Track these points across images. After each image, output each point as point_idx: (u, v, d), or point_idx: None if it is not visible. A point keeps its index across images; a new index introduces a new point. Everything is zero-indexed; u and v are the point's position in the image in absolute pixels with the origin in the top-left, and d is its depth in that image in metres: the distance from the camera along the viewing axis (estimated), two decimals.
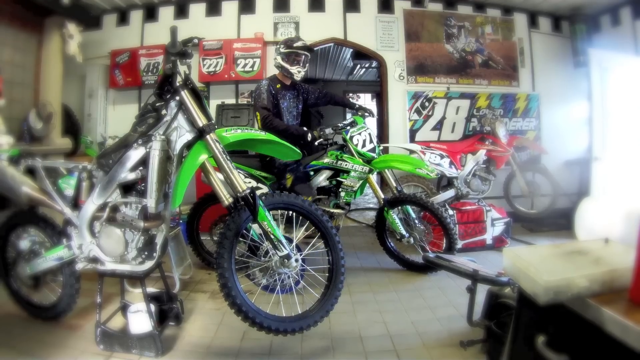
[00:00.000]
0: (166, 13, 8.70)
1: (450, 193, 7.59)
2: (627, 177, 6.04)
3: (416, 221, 5.95)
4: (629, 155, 6.83)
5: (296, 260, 3.71)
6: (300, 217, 3.99)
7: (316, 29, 8.63)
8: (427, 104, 8.79)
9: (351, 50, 10.46)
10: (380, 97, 9.30)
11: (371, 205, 10.95)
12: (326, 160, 5.82)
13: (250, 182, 5.55)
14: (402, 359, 3.69)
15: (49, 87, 6.55)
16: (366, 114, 6.14)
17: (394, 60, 8.79)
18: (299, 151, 4.06)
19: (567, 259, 1.84)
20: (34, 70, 6.49)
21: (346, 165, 5.75)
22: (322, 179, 5.86)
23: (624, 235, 1.90)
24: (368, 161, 5.75)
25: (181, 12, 8.67)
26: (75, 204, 3.75)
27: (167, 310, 4.06)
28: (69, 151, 6.62)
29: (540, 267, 1.69)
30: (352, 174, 5.74)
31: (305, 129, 5.69)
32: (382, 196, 5.85)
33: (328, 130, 5.78)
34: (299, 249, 3.87)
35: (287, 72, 5.84)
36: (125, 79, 8.49)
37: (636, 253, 1.51)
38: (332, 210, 5.82)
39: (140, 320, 3.68)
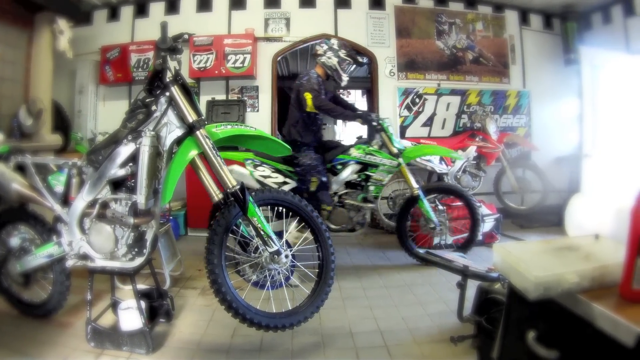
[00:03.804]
0: (157, 9, 8.68)
1: None
2: (617, 173, 6.05)
3: (444, 213, 6.08)
4: (619, 152, 6.86)
5: (286, 256, 3.71)
6: (291, 213, 3.99)
7: (307, 25, 8.66)
8: (417, 100, 8.82)
9: None
10: (371, 93, 9.31)
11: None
12: (354, 154, 5.82)
13: (277, 178, 5.67)
14: (393, 354, 3.69)
15: (39, 83, 6.51)
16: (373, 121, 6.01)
17: (385, 56, 8.82)
18: (288, 147, 4.06)
19: (557, 254, 1.86)
20: (24, 66, 6.46)
21: (375, 159, 5.77)
22: (349, 173, 5.85)
23: (614, 232, 1.90)
24: (397, 154, 5.77)
25: (172, 7, 8.65)
26: (65, 200, 3.74)
27: (157, 307, 4.06)
28: (59, 148, 6.59)
29: (530, 263, 1.70)
30: (381, 167, 5.76)
31: (361, 111, 5.86)
32: (416, 186, 5.84)
33: (375, 116, 5.85)
34: (289, 245, 3.86)
35: (337, 75, 5.92)
36: (115, 75, 8.46)
37: (626, 249, 1.52)
38: (360, 204, 5.84)
39: (130, 317, 3.67)
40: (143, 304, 3.75)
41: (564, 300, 1.65)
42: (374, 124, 5.79)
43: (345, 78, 5.99)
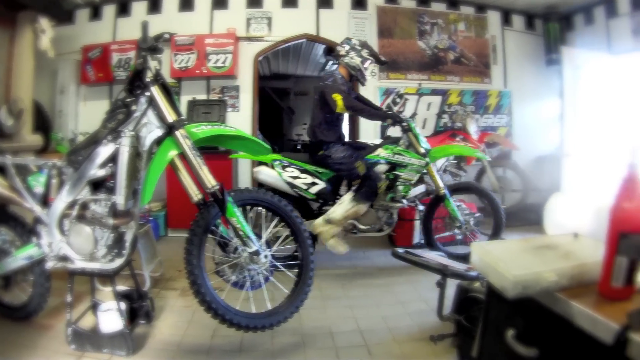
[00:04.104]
0: (139, 8, 8.62)
1: (420, 189, 7.61)
2: (597, 173, 6.12)
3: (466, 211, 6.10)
4: (599, 152, 6.91)
5: (265, 257, 3.72)
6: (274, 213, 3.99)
7: (289, 24, 8.66)
8: (398, 100, 8.89)
9: (324, 46, 10.47)
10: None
11: None
12: (383, 154, 5.83)
13: (306, 179, 5.74)
14: (373, 354, 3.73)
15: (21, 83, 6.45)
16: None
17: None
18: (268, 147, 4.08)
19: (536, 253, 1.88)
20: (5, 66, 6.42)
21: (403, 159, 5.80)
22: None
23: (593, 230, 1.92)
24: (424, 154, 5.82)
25: (154, 7, 8.60)
26: (45, 201, 3.70)
27: (137, 309, 4.04)
28: (39, 148, 6.56)
29: (508, 262, 1.72)
30: (409, 167, 5.79)
31: (390, 112, 5.96)
32: (442, 185, 5.89)
33: (404, 117, 5.87)
34: (268, 245, 3.87)
35: (361, 74, 5.94)
36: (96, 74, 8.41)
37: (605, 247, 1.55)
38: (389, 204, 5.88)
39: (110, 319, 3.66)
40: (123, 305, 3.73)
41: (543, 298, 1.66)
42: (404, 124, 5.83)
43: (368, 77, 6.06)
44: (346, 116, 6.90)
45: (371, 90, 8.74)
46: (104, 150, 3.50)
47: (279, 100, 16.22)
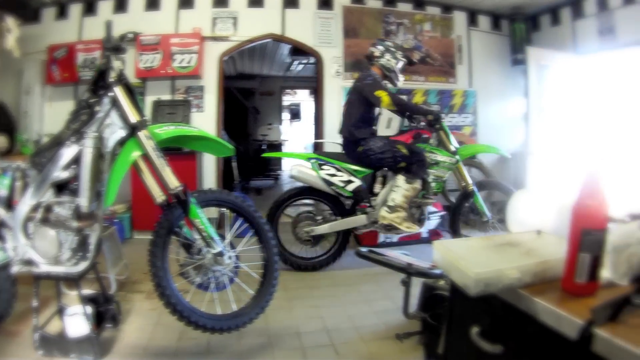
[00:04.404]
0: (105, 7, 8.45)
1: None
2: (560, 171, 6.25)
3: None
4: (563, 150, 7.02)
5: (229, 258, 3.73)
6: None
7: (254, 24, 8.61)
8: None
9: (289, 46, 10.47)
10: (317, 93, 9.36)
11: (307, 201, 11.00)
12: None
13: (342, 176, 5.88)
14: (340, 353, 3.79)
15: None
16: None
17: (331, 56, 8.86)
18: (231, 147, 4.11)
19: (498, 251, 1.90)
20: None
21: (436, 156, 5.99)
22: None
23: (556, 228, 1.94)
24: (454, 152, 6.13)
25: (120, 6, 8.46)
26: (9, 204, 3.65)
27: (104, 312, 4.02)
28: (4, 150, 6.49)
29: (470, 259, 1.72)
30: (441, 164, 5.99)
31: (432, 109, 6.11)
32: (471, 182, 6.17)
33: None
34: (232, 246, 3.88)
35: (395, 75, 6.15)
36: (62, 74, 8.25)
37: (568, 243, 1.57)
38: (421, 201, 5.95)
39: (77, 323, 3.64)
40: (89, 309, 3.71)
41: (506, 295, 1.67)
42: (442, 122, 6.06)
43: (401, 78, 6.26)
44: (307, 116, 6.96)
45: (336, 89, 8.82)
46: (68, 152, 3.48)
47: (244, 100, 16.15)
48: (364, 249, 4.12)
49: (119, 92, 3.48)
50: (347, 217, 5.98)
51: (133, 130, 3.47)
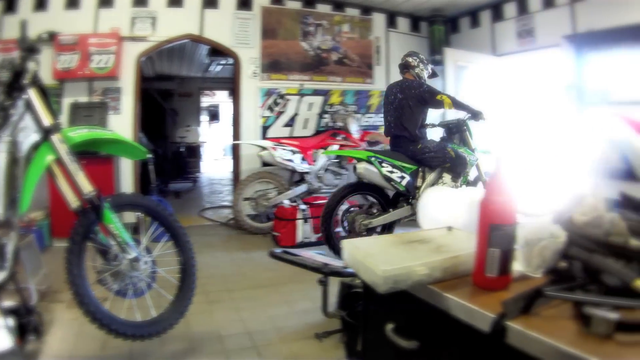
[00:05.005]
0: (25, 5, 8.05)
1: (302, 188, 7.87)
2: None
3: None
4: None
5: (145, 263, 3.68)
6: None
7: (173, 24, 8.41)
8: (280, 100, 8.96)
9: (208, 46, 10.42)
10: (234, 94, 9.31)
11: (226, 203, 11.05)
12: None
13: (397, 173, 6.19)
14: (263, 355, 3.80)
15: None
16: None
17: (249, 57, 8.81)
18: (145, 150, 4.06)
19: (407, 248, 1.89)
20: None
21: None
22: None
23: (467, 223, 1.98)
24: (474, 150, 6.50)
25: (40, 4, 8.15)
26: None
27: (26, 324, 3.91)
28: None
29: (378, 257, 1.71)
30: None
31: (476, 109, 6.29)
32: (486, 178, 6.36)
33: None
34: (148, 250, 3.85)
35: None
36: None
37: (477, 238, 1.60)
38: None
39: (0, 336, 3.56)
40: (11, 321, 3.61)
41: (418, 292, 1.68)
42: (482, 120, 6.31)
43: None
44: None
45: (252, 90, 8.80)
46: None
47: (163, 101, 15.89)
48: (277, 250, 4.15)
49: (32, 94, 3.34)
50: (391, 209, 6.36)
51: (46, 134, 3.34)
